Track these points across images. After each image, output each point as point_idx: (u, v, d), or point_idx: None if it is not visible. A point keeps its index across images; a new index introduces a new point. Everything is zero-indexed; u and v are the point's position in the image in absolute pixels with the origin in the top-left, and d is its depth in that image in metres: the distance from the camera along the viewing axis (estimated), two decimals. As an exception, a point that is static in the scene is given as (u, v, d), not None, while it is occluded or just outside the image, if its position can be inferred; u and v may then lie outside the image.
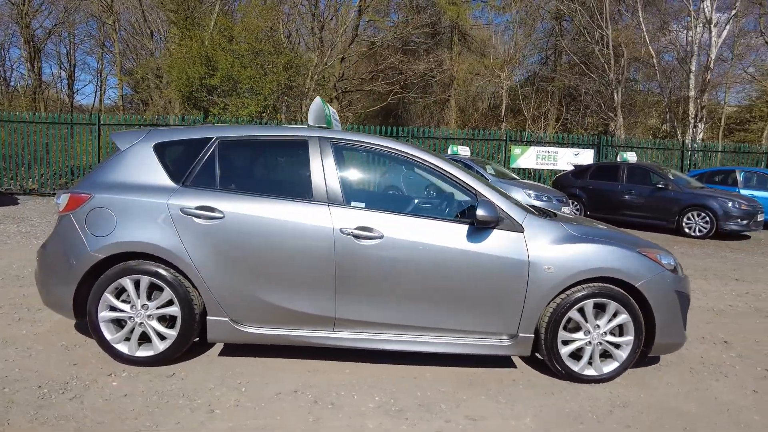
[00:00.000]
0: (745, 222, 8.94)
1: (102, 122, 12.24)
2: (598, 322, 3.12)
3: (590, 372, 3.15)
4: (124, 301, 3.02)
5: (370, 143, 3.22)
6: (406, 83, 19.89)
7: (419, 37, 20.03)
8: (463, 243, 3.00)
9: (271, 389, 2.86)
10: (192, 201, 2.96)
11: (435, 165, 3.17)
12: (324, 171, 3.07)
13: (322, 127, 3.35)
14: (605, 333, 3.13)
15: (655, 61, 16.31)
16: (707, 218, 9.07)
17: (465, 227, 3.04)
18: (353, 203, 3.07)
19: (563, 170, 12.87)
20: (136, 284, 2.98)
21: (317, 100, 3.46)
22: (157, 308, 3.00)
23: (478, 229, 3.02)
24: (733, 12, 14.44)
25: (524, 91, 19.86)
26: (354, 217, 2.99)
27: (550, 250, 3.04)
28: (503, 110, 19.09)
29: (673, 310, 3.17)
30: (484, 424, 2.63)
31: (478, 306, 3.04)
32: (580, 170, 11.48)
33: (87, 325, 3.01)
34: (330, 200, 3.02)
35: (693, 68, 15.47)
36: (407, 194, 3.52)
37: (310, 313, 3.01)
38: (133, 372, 2.96)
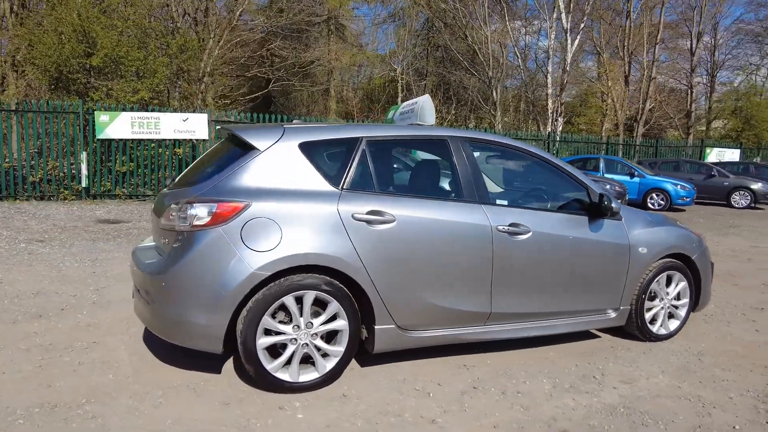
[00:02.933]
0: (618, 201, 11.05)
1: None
2: (668, 290, 3.79)
3: (663, 331, 3.81)
4: (281, 322, 2.68)
5: (499, 142, 3.36)
6: (290, 71, 19.30)
7: (299, 25, 19.57)
8: (587, 232, 3.37)
9: (451, 390, 2.87)
10: (360, 206, 2.76)
11: (554, 163, 3.46)
12: (470, 170, 3.12)
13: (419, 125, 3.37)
14: (672, 298, 3.82)
15: (520, 60, 18.80)
16: (593, 199, 10.96)
17: (585, 218, 3.40)
18: (497, 201, 3.20)
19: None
20: (298, 301, 2.67)
21: (428, 98, 3.45)
22: (322, 324, 2.74)
23: (594, 219, 3.42)
24: (582, 25, 17.50)
25: (406, 83, 20.90)
26: (504, 214, 3.12)
27: (641, 234, 3.59)
28: (399, 102, 19.88)
29: (709, 277, 4.01)
30: (640, 386, 3.05)
31: (597, 287, 3.45)
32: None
33: (190, 354, 2.60)
34: (480, 199, 3.10)
35: (549, 69, 18.22)
36: (528, 189, 3.72)
37: (469, 310, 3.06)
38: (303, 401, 2.66)
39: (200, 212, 2.55)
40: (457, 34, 19.66)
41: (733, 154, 19.96)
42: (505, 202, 3.23)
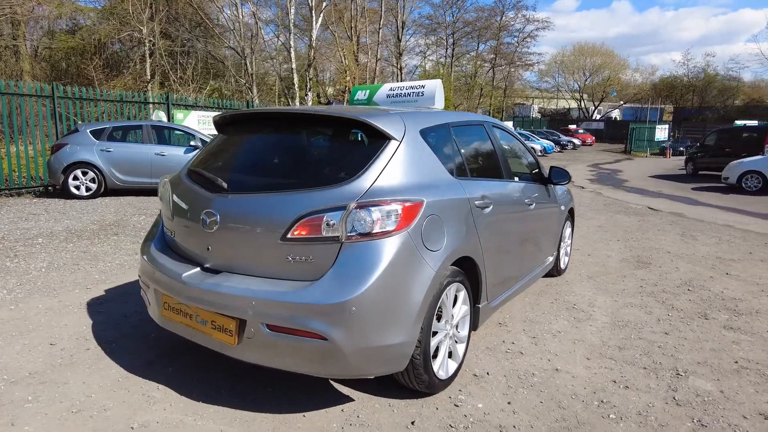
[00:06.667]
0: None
1: None
2: (564, 235, 5.11)
3: (563, 267, 5.13)
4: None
5: (499, 126, 3.82)
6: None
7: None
8: (546, 198, 4.24)
9: (526, 344, 3.31)
10: (473, 192, 2.81)
11: (524, 142, 4.16)
12: (504, 152, 3.51)
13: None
14: (567, 241, 5.17)
15: (264, 34, 18.47)
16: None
17: (543, 186, 4.24)
18: (516, 178, 3.70)
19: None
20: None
21: (439, 82, 3.59)
22: (457, 313, 2.74)
23: (545, 186, 4.29)
24: (325, 5, 18.39)
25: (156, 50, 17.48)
26: (524, 189, 3.67)
27: (560, 196, 4.72)
28: (148, 70, 16.39)
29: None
30: (601, 306, 4.15)
31: (549, 240, 4.39)
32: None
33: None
34: (511, 177, 3.54)
35: (292, 44, 18.64)
36: (517, 165, 4.13)
37: (513, 275, 3.52)
38: (457, 392, 2.66)
39: (381, 216, 2.17)
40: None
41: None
42: (517, 178, 3.76)
